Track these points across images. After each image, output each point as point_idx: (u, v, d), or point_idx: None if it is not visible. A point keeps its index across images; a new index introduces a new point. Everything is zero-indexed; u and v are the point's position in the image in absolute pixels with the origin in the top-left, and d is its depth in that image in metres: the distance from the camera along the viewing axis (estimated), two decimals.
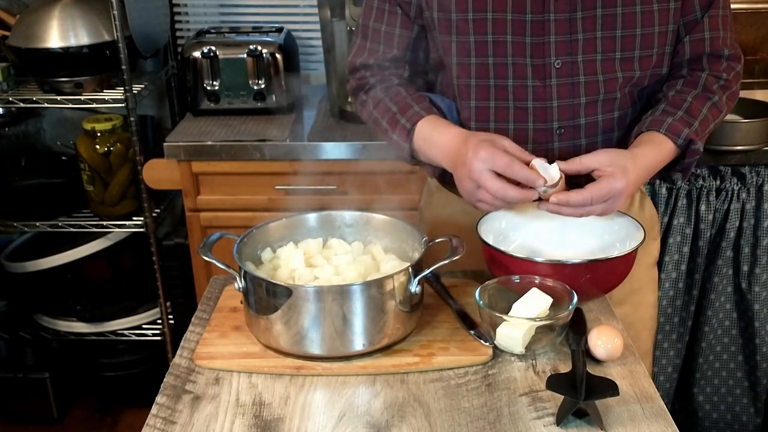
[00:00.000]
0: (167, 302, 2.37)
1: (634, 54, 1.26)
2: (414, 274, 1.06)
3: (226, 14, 2.57)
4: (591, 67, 1.25)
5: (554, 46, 1.24)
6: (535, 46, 1.24)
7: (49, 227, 2.27)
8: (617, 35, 1.24)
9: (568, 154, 1.30)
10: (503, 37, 1.24)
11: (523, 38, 1.24)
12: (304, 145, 2.07)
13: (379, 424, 0.94)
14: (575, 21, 1.22)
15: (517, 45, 1.24)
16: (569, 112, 1.28)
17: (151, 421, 0.96)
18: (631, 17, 1.23)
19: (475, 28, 1.25)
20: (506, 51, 1.25)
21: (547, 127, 1.28)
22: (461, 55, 1.27)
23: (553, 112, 1.27)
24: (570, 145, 1.30)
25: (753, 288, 2.10)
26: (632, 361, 1.07)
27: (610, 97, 1.28)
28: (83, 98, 2.15)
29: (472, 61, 1.27)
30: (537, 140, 1.29)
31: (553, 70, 1.25)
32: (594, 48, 1.24)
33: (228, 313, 1.18)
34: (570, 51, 1.24)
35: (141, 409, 1.44)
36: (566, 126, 1.29)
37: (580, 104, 1.27)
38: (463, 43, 1.27)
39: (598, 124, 1.30)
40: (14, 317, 2.52)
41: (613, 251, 1.18)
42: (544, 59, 1.24)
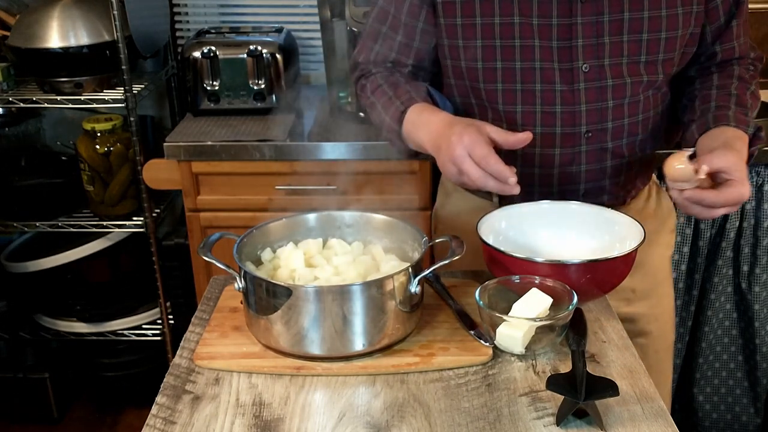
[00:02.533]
0: (167, 302, 2.37)
1: (658, 57, 1.26)
2: (414, 274, 1.06)
3: (226, 14, 2.57)
4: (617, 70, 1.25)
5: (581, 50, 1.23)
6: (563, 50, 1.24)
7: (49, 227, 2.27)
8: (643, 38, 1.24)
9: (594, 157, 1.31)
10: (530, 42, 1.24)
11: (549, 42, 1.23)
12: (304, 145, 2.07)
13: (379, 424, 0.94)
14: (602, 24, 1.22)
15: (544, 49, 1.24)
16: (597, 116, 1.28)
17: (151, 421, 0.96)
18: (657, 21, 1.23)
19: (501, 33, 1.24)
20: (533, 55, 1.25)
21: (575, 131, 1.28)
22: (486, 59, 1.27)
23: (582, 116, 1.27)
24: (596, 149, 1.30)
25: (753, 288, 2.10)
26: (632, 361, 1.07)
27: (635, 100, 1.28)
28: (83, 98, 2.15)
29: (497, 66, 1.26)
30: (564, 144, 1.29)
31: (581, 74, 1.25)
32: (620, 51, 1.24)
33: (228, 313, 1.18)
34: (597, 54, 1.24)
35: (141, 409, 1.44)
36: (594, 129, 1.28)
37: (607, 108, 1.27)
38: (488, 47, 1.26)
39: (624, 127, 1.30)
40: (14, 317, 2.52)
41: (613, 251, 1.18)
42: (571, 63, 1.24)
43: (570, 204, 1.30)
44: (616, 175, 1.35)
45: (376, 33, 1.37)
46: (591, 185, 1.34)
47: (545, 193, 1.34)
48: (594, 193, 1.35)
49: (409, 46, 1.35)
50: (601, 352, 1.09)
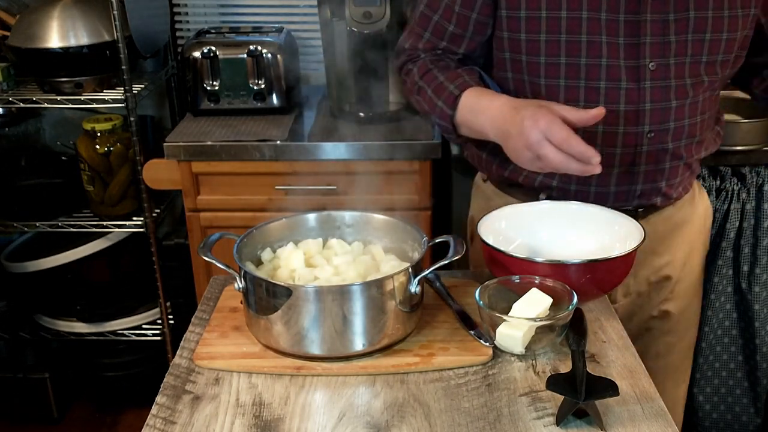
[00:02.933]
0: (167, 302, 2.37)
1: (717, 58, 1.25)
2: (414, 274, 1.06)
3: (226, 14, 2.57)
4: (681, 70, 1.24)
5: (649, 48, 1.22)
6: (630, 47, 1.22)
7: (49, 227, 2.27)
8: (706, 38, 1.23)
9: (654, 158, 1.29)
10: (597, 38, 1.22)
11: (616, 39, 1.21)
12: (304, 145, 2.07)
13: (379, 424, 0.94)
14: (668, 23, 1.21)
15: (611, 46, 1.22)
16: (660, 116, 1.26)
17: (151, 421, 0.96)
18: (720, 21, 1.22)
19: (568, 27, 1.22)
20: (600, 52, 1.22)
21: (638, 130, 1.26)
22: (550, 54, 1.24)
23: (645, 115, 1.25)
24: (657, 149, 1.29)
25: (753, 288, 2.09)
26: (632, 361, 1.07)
27: (695, 101, 1.27)
28: (83, 98, 2.15)
29: (561, 61, 1.24)
30: (626, 143, 1.27)
31: (648, 72, 1.23)
32: (684, 51, 1.23)
33: (228, 313, 1.18)
34: (663, 53, 1.22)
35: (141, 409, 1.44)
36: (656, 130, 1.27)
37: (671, 108, 1.26)
38: (552, 42, 1.23)
39: (684, 128, 1.29)
40: (14, 317, 2.52)
41: (613, 251, 1.18)
42: (638, 61, 1.22)
43: (570, 204, 1.30)
44: (673, 177, 1.33)
45: (427, 20, 1.33)
46: (648, 186, 1.32)
47: (601, 194, 1.32)
48: (648, 194, 1.33)
49: (462, 37, 1.31)
50: (601, 352, 1.09)
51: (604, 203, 1.30)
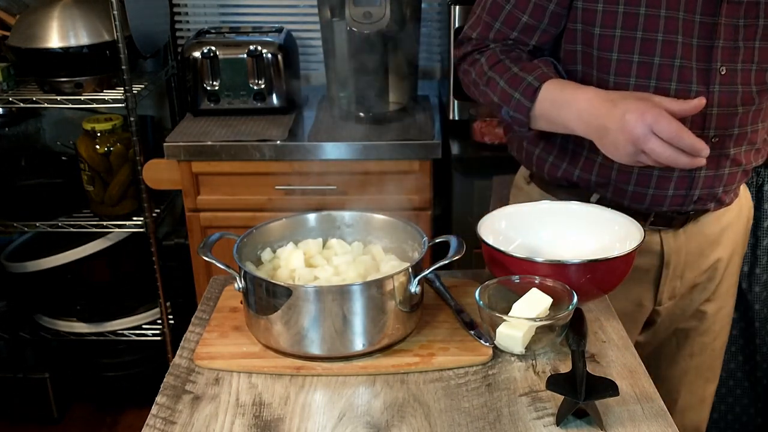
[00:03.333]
0: (167, 302, 2.37)
1: None
2: (414, 274, 1.06)
3: (226, 14, 2.57)
4: (747, 76, 1.23)
5: (721, 52, 1.20)
6: (702, 50, 1.20)
7: (49, 227, 2.27)
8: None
9: (714, 164, 1.27)
10: (674, 37, 1.19)
11: (691, 40, 1.19)
12: (304, 145, 2.07)
13: (379, 424, 0.94)
14: (738, 28, 1.19)
15: (685, 46, 1.20)
16: (726, 121, 1.24)
17: (151, 421, 0.96)
18: None
19: (645, 24, 1.19)
20: (675, 52, 1.20)
21: (702, 134, 1.23)
22: (623, 51, 1.22)
23: (712, 119, 1.24)
24: (718, 155, 1.27)
25: (753, 288, 2.09)
26: (632, 361, 1.07)
27: (759, 108, 1.26)
28: (83, 98, 2.15)
29: (634, 59, 1.21)
30: None
31: (718, 76, 1.21)
32: (751, 57, 1.22)
33: (228, 313, 1.18)
34: (733, 58, 1.21)
35: (141, 409, 1.44)
36: (721, 135, 1.25)
37: (736, 114, 1.24)
38: (627, 38, 1.21)
39: (746, 135, 1.28)
40: (14, 317, 2.52)
41: (613, 251, 1.18)
42: (710, 64, 1.20)
43: (570, 204, 1.30)
44: (730, 183, 1.32)
45: (499, 9, 1.29)
46: (705, 192, 1.30)
47: (658, 197, 1.30)
48: (704, 199, 1.32)
49: (535, 28, 1.27)
50: (601, 352, 1.09)
51: (660, 206, 1.29)
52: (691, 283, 1.42)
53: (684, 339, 1.49)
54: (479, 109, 2.11)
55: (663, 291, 1.40)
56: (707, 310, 1.46)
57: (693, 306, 1.45)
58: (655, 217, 1.33)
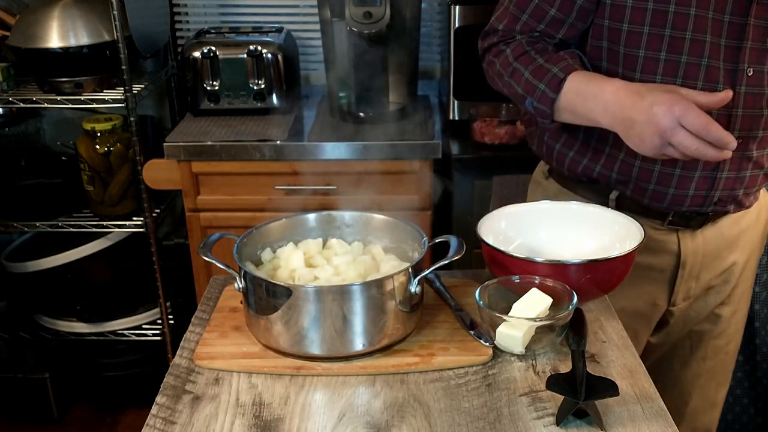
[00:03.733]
0: (167, 302, 2.37)
1: None
2: (414, 274, 1.06)
3: (226, 14, 2.57)
4: None
5: (749, 53, 1.19)
6: (730, 50, 1.19)
7: (49, 227, 2.27)
8: None
9: (737, 165, 1.27)
10: (702, 36, 1.18)
11: (719, 39, 1.18)
12: (304, 145, 2.07)
13: (379, 424, 0.94)
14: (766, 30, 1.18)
15: (713, 46, 1.19)
16: (750, 123, 1.24)
17: (151, 421, 0.96)
18: None
19: (674, 22, 1.18)
20: (703, 51, 1.19)
21: None
22: (650, 48, 1.21)
23: (737, 120, 1.23)
24: (741, 156, 1.26)
25: (753, 288, 2.09)
26: (632, 361, 1.07)
27: None
28: (83, 98, 2.15)
29: (661, 57, 1.21)
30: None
31: (745, 77, 1.20)
32: None
33: (228, 313, 1.18)
34: (760, 60, 1.20)
35: (141, 409, 1.44)
36: (744, 137, 1.24)
37: (762, 116, 1.24)
38: (655, 36, 1.20)
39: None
40: (14, 317, 2.52)
41: (613, 251, 1.18)
42: (737, 65, 1.20)
43: (570, 204, 1.30)
44: (751, 186, 1.31)
45: (527, 2, 1.28)
46: (726, 193, 1.30)
47: (679, 197, 1.29)
48: (725, 201, 1.31)
49: (562, 22, 1.27)
50: (601, 352, 1.09)
51: (680, 206, 1.29)
52: (707, 285, 1.41)
53: (698, 342, 1.48)
54: (479, 109, 2.12)
55: (678, 291, 1.39)
56: (722, 313, 1.45)
57: (707, 308, 1.44)
58: (674, 217, 1.32)
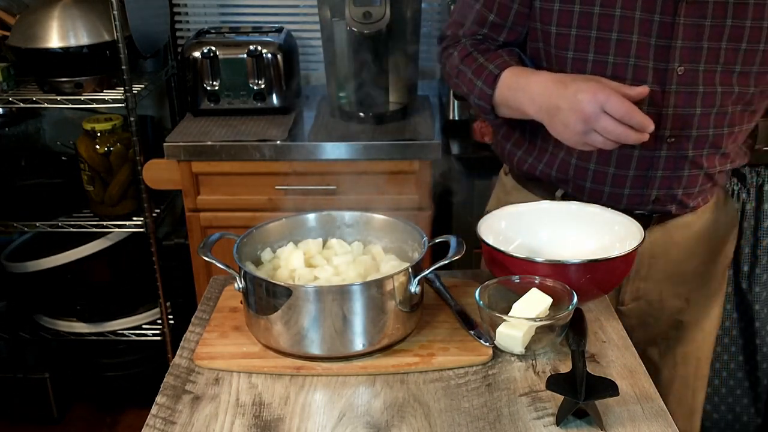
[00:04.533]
0: (167, 302, 2.37)
1: (752, 69, 1.22)
2: (414, 274, 1.06)
3: (226, 14, 2.57)
4: (710, 77, 1.22)
5: (679, 52, 1.20)
6: (660, 49, 1.20)
7: (49, 227, 2.27)
8: (741, 48, 1.20)
9: (672, 165, 1.28)
10: (628, 36, 1.20)
11: (648, 39, 1.20)
12: (304, 145, 2.07)
13: (379, 424, 0.94)
14: (703, 28, 1.19)
15: (641, 46, 1.20)
16: (683, 122, 1.24)
17: (151, 421, 0.96)
18: (758, 32, 1.20)
19: (600, 24, 1.21)
20: (629, 51, 1.21)
21: (658, 134, 1.24)
22: (578, 49, 1.23)
23: (667, 119, 1.24)
24: (676, 156, 1.27)
25: (753, 288, 2.09)
26: (632, 361, 1.07)
27: (723, 111, 1.25)
28: (83, 98, 2.15)
29: (589, 57, 1.23)
30: (645, 146, 1.23)
31: (675, 76, 1.21)
32: (717, 58, 1.21)
33: (228, 313, 1.18)
34: (693, 58, 1.20)
35: (141, 409, 1.44)
36: (677, 135, 1.25)
37: (694, 115, 1.24)
38: (582, 37, 1.22)
39: (708, 138, 1.26)
40: (14, 317, 2.52)
41: (613, 251, 1.18)
42: (667, 64, 1.21)
43: (570, 204, 1.30)
44: (691, 186, 1.31)
45: (469, 9, 1.34)
46: (663, 193, 1.30)
47: (615, 195, 1.31)
48: (663, 201, 1.32)
49: (502, 26, 1.32)
50: (601, 352, 1.09)
51: (617, 205, 1.29)
52: (658, 288, 1.41)
53: (666, 349, 1.48)
54: None
55: (626, 291, 1.40)
56: (683, 319, 1.45)
57: (666, 314, 1.44)
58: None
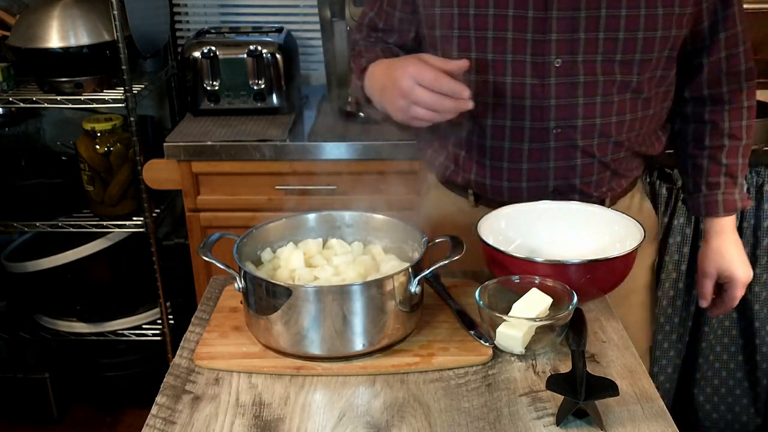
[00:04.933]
0: (167, 302, 2.37)
1: (635, 57, 1.25)
2: (414, 274, 1.06)
3: (226, 14, 2.57)
4: (591, 67, 1.25)
5: (555, 45, 1.23)
6: (536, 44, 1.24)
7: (49, 227, 2.27)
8: (619, 37, 1.23)
9: (563, 155, 1.31)
10: (504, 34, 1.24)
11: (524, 35, 1.23)
12: (304, 145, 2.07)
13: (379, 424, 0.94)
14: (578, 20, 1.22)
15: (517, 42, 1.24)
16: (567, 112, 1.27)
17: (151, 421, 0.96)
18: (635, 20, 1.22)
19: (476, 24, 1.25)
20: (506, 48, 1.25)
21: (544, 125, 1.28)
22: (462, 50, 1.27)
23: (551, 111, 1.27)
24: (566, 146, 1.30)
25: (753, 288, 2.09)
26: (632, 361, 1.07)
27: (608, 100, 1.27)
28: (83, 98, 2.15)
29: (472, 56, 1.26)
30: (534, 138, 1.29)
31: (553, 68, 1.24)
32: (595, 48, 1.24)
33: (228, 313, 1.18)
34: (571, 50, 1.24)
35: (141, 409, 1.44)
36: (563, 126, 1.28)
37: (578, 104, 1.27)
38: (463, 38, 1.27)
39: (595, 127, 1.29)
40: (14, 317, 2.52)
41: (613, 251, 1.18)
42: (544, 57, 1.24)
43: (570, 204, 1.30)
44: (587, 175, 1.33)
45: (364, 16, 1.43)
46: (560, 182, 1.33)
47: (514, 189, 1.34)
48: (563, 191, 1.34)
49: (391, 32, 1.39)
50: (601, 352, 1.09)
51: (518, 198, 1.33)
52: None
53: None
54: None
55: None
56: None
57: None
58: None
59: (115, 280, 2.45)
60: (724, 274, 1.40)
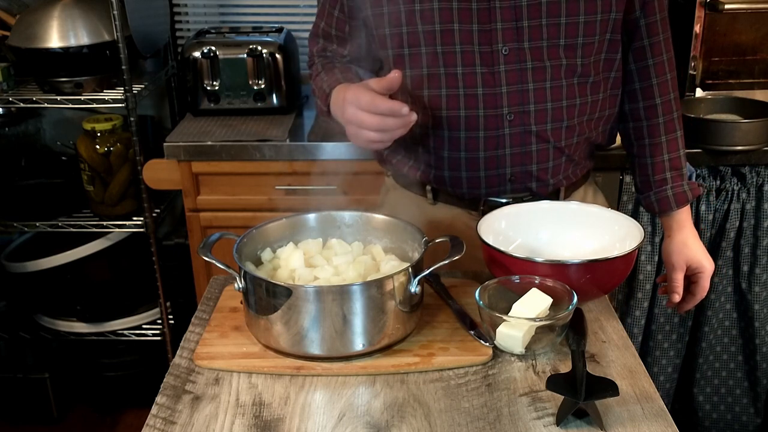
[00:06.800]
0: (167, 302, 2.37)
1: (577, 41, 1.27)
2: (414, 274, 1.06)
3: (226, 14, 2.57)
4: (538, 53, 1.27)
5: (501, 33, 1.25)
6: (483, 34, 1.26)
7: (49, 227, 2.27)
8: (561, 22, 1.25)
9: (519, 141, 1.32)
10: (450, 26, 1.26)
11: (470, 26, 1.26)
12: (304, 145, 2.07)
13: (379, 424, 0.94)
14: (521, 8, 1.24)
15: (464, 33, 1.26)
16: (518, 99, 1.29)
17: (151, 422, 0.96)
18: (575, 5, 1.25)
19: (422, 19, 1.27)
20: (454, 39, 1.27)
21: (497, 113, 1.29)
22: (412, 45, 1.29)
23: (503, 98, 1.28)
24: (520, 132, 1.31)
25: (753, 288, 2.10)
26: (632, 361, 1.07)
27: (557, 85, 1.29)
28: (83, 98, 2.15)
29: (422, 51, 1.28)
30: (488, 126, 1.30)
31: (501, 56, 1.26)
32: (540, 35, 1.26)
33: (228, 313, 1.18)
34: (517, 38, 1.26)
35: (141, 409, 1.44)
36: (516, 112, 1.30)
37: (528, 90, 1.29)
38: (412, 33, 1.28)
39: (547, 112, 1.31)
40: (14, 317, 2.52)
41: (613, 251, 1.18)
42: (491, 46, 1.26)
43: (570, 204, 1.30)
44: (543, 161, 1.35)
45: (317, 27, 1.45)
46: (517, 169, 1.34)
47: (473, 178, 1.35)
48: (521, 178, 1.35)
49: (344, 39, 1.41)
50: (601, 352, 1.09)
51: (477, 189, 1.35)
52: None
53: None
54: None
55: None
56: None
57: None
58: (485, 206, 1.36)
59: (115, 280, 2.45)
60: (693, 265, 1.40)
